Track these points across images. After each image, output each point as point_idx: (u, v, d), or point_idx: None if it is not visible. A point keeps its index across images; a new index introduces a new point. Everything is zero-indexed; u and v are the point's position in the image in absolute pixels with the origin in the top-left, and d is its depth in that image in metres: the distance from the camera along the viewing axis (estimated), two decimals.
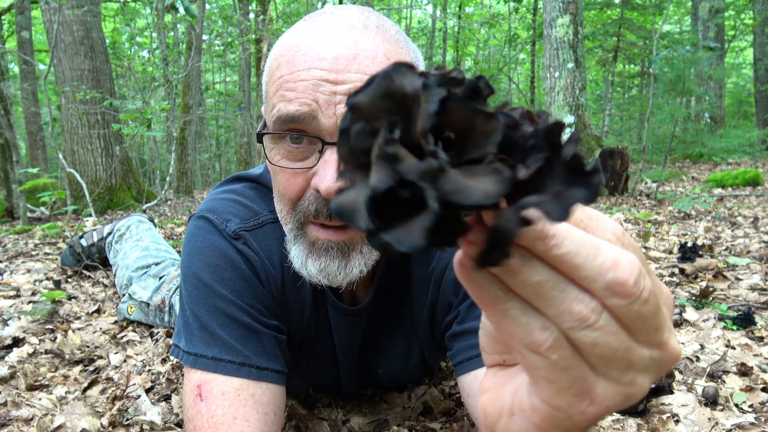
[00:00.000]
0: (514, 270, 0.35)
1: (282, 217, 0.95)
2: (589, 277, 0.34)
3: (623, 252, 0.35)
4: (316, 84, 0.81)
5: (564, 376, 0.36)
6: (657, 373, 0.39)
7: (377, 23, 0.87)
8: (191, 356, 0.97)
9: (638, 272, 0.35)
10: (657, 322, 0.37)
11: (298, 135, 0.84)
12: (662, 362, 0.39)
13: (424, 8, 20.35)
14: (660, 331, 0.37)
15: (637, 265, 0.35)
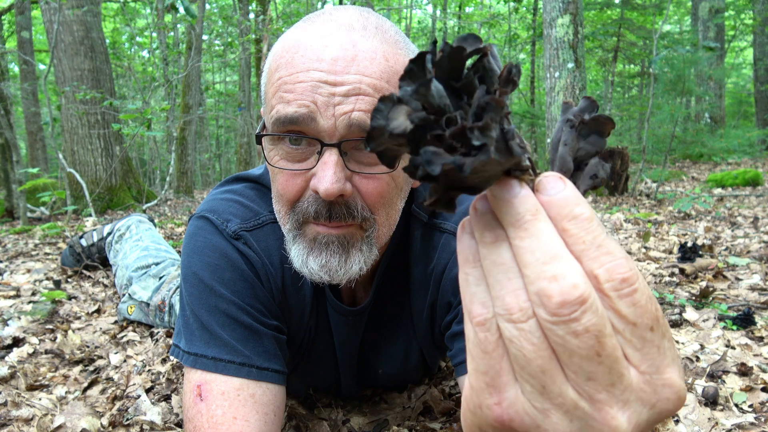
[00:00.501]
0: (485, 242, 0.37)
1: (280, 217, 0.95)
2: (530, 278, 0.35)
3: (577, 275, 0.34)
4: (314, 85, 0.81)
5: (484, 359, 0.37)
6: (582, 428, 0.35)
7: (376, 24, 0.87)
8: (191, 356, 0.97)
9: (575, 298, 0.33)
10: (591, 369, 0.34)
11: (297, 136, 0.84)
12: (590, 422, 0.35)
13: (424, 8, 20.35)
14: (595, 384, 0.35)
15: (579, 293, 0.33)
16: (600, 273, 0.35)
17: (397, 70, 0.84)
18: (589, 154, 0.40)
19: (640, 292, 0.35)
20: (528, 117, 14.44)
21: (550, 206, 0.36)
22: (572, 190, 0.37)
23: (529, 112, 14.55)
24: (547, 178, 0.37)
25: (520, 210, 0.36)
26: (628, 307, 0.35)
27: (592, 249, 0.35)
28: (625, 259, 0.36)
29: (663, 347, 0.36)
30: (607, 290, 0.35)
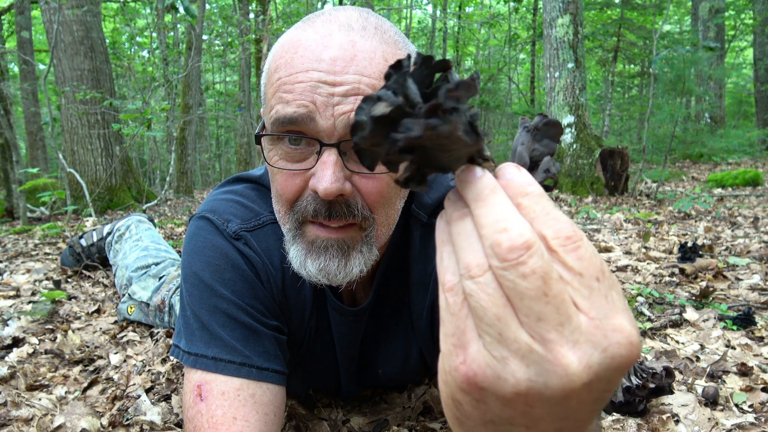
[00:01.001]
0: (453, 219, 0.43)
1: (280, 217, 0.95)
2: (485, 236, 0.39)
3: (523, 226, 0.39)
4: (313, 86, 0.81)
5: (452, 321, 0.41)
6: (538, 373, 0.38)
7: (375, 24, 0.87)
8: (191, 356, 0.97)
9: (522, 243, 0.38)
10: (540, 309, 0.37)
11: (297, 136, 0.85)
12: (545, 364, 0.38)
13: (424, 8, 20.35)
14: (545, 324, 0.37)
15: (525, 239, 0.38)
16: (548, 233, 0.39)
17: None
18: (543, 154, 0.47)
19: (584, 248, 0.39)
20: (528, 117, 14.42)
21: (508, 187, 0.41)
22: (527, 175, 0.42)
23: (528, 112, 14.56)
24: (505, 166, 0.43)
25: (480, 187, 0.41)
26: (574, 260, 0.39)
27: (541, 216, 0.40)
28: (571, 224, 0.40)
29: (611, 297, 0.39)
30: (554, 246, 0.39)
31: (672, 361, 1.65)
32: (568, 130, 7.25)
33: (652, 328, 1.90)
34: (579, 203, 6.15)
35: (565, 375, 0.37)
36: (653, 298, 2.19)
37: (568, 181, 7.02)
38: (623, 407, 1.37)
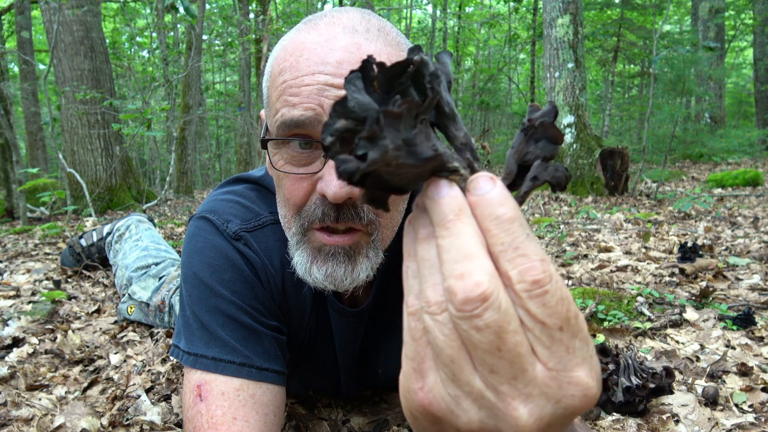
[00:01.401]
0: (419, 238, 0.41)
1: (285, 222, 0.94)
2: (444, 275, 0.38)
3: (482, 273, 0.36)
4: (320, 89, 0.80)
5: (412, 346, 0.41)
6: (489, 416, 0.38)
7: (378, 26, 0.87)
8: (191, 356, 0.97)
9: (476, 295, 0.36)
10: (493, 362, 0.37)
11: (306, 141, 0.84)
12: (496, 411, 0.37)
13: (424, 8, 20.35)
14: (497, 377, 0.37)
15: (480, 291, 0.36)
16: (513, 274, 0.37)
17: None
18: (537, 158, 0.42)
19: (551, 294, 0.37)
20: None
21: (476, 206, 0.38)
22: (500, 190, 0.39)
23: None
24: (477, 178, 0.39)
25: (445, 210, 0.38)
26: (538, 308, 0.37)
27: (509, 251, 0.37)
28: (541, 261, 0.37)
29: (572, 347, 0.38)
30: (518, 291, 0.37)
31: (672, 361, 1.65)
32: (568, 130, 7.25)
33: (652, 328, 1.90)
34: (579, 203, 6.15)
35: (515, 425, 0.37)
36: (653, 298, 2.19)
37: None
38: (623, 407, 1.37)
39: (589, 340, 0.39)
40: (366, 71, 0.38)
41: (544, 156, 0.41)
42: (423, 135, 0.38)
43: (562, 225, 4.43)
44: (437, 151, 0.38)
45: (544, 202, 6.21)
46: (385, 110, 0.36)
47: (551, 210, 5.64)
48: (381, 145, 0.36)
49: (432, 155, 0.38)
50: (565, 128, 7.26)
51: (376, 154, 0.36)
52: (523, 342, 0.37)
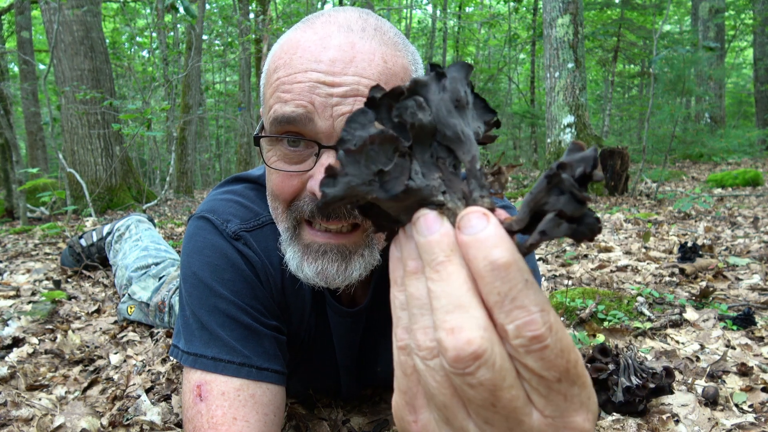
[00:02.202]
0: (408, 270, 0.38)
1: (276, 215, 0.95)
2: (435, 324, 0.35)
3: (475, 328, 0.34)
4: (312, 86, 0.80)
5: (404, 380, 0.39)
6: None
7: (375, 26, 0.86)
8: (191, 356, 0.97)
9: (468, 354, 0.34)
10: (488, 416, 0.36)
11: (295, 138, 0.84)
12: None
13: (424, 8, 20.35)
14: (494, 428, 0.36)
15: (472, 350, 0.33)
16: (510, 329, 0.34)
17: (396, 71, 0.84)
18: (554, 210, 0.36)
19: (549, 349, 0.34)
20: (528, 117, 14.44)
21: (468, 246, 0.35)
22: (494, 229, 0.35)
23: (529, 112, 14.56)
24: (469, 214, 0.36)
25: (435, 249, 0.36)
26: (536, 362, 0.35)
27: (506, 302, 0.34)
28: (541, 312, 0.34)
29: (570, 394, 0.36)
30: (515, 346, 0.35)
31: (672, 361, 1.65)
32: (568, 130, 7.25)
33: (652, 328, 1.90)
34: None
35: None
36: (653, 298, 2.19)
37: None
38: (623, 407, 1.37)
39: (587, 383, 0.38)
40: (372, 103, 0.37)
41: (562, 212, 0.35)
42: (399, 168, 0.36)
43: None
44: (409, 186, 0.36)
45: None
46: (345, 148, 0.35)
47: None
48: (343, 182, 0.35)
49: (400, 191, 0.36)
50: (565, 128, 7.26)
51: (335, 191, 0.35)
52: (519, 395, 0.35)
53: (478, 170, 0.38)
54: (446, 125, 0.37)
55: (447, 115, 0.37)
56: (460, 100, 0.38)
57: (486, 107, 0.40)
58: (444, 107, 0.38)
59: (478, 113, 0.40)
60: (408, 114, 0.37)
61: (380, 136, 0.36)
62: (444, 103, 0.38)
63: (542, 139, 13.17)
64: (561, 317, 1.96)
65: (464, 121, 0.38)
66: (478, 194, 0.37)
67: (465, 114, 0.38)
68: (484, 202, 0.37)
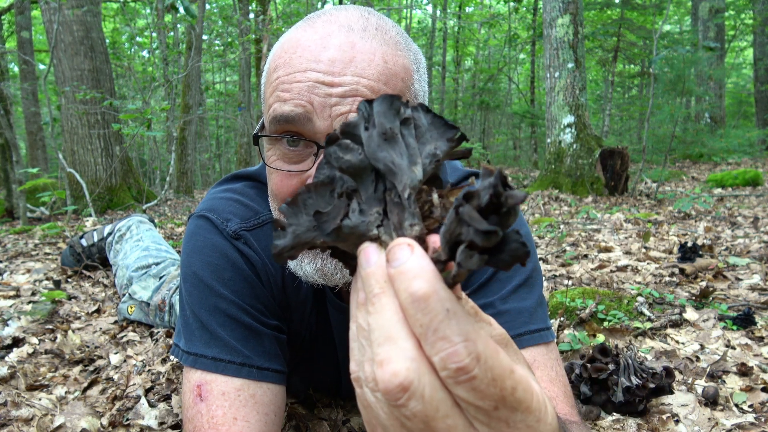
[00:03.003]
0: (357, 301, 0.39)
1: (277, 215, 0.95)
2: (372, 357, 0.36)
3: (401, 360, 0.34)
4: (311, 86, 0.80)
5: (363, 412, 0.40)
6: None
7: (377, 25, 0.86)
8: (191, 356, 0.97)
9: (395, 386, 0.34)
10: None
11: (294, 138, 0.84)
12: None
13: (424, 8, 20.35)
14: None
15: (398, 382, 0.34)
16: (436, 361, 0.34)
17: (396, 71, 0.83)
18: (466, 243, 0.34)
19: (478, 380, 0.34)
20: (528, 117, 14.44)
21: (393, 279, 0.35)
22: (416, 260, 0.35)
23: (529, 112, 14.56)
24: (395, 247, 0.36)
25: (371, 282, 0.36)
26: (467, 393, 0.35)
27: (429, 333, 0.34)
28: (464, 343, 0.34)
29: (513, 420, 0.36)
30: (444, 378, 0.35)
31: (672, 361, 1.65)
32: (568, 130, 7.25)
33: (652, 328, 1.90)
34: (579, 203, 6.15)
35: None
36: (653, 298, 2.19)
37: (568, 181, 7.02)
38: (623, 407, 1.37)
39: (532, 407, 0.37)
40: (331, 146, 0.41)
41: (472, 243, 0.33)
42: (336, 209, 0.38)
43: (562, 225, 4.43)
44: (343, 225, 0.38)
45: (544, 202, 6.21)
46: (287, 202, 0.39)
47: (551, 210, 5.64)
48: (290, 233, 0.38)
49: (332, 230, 0.38)
50: (565, 128, 7.26)
51: (284, 242, 0.38)
52: (457, 424, 0.35)
53: (407, 199, 0.38)
54: (377, 159, 0.39)
55: (377, 150, 0.39)
56: (386, 132, 0.39)
57: (446, 124, 0.40)
58: (373, 143, 0.39)
59: (439, 132, 0.40)
60: (333, 159, 0.39)
61: (314, 184, 0.39)
62: (372, 139, 0.39)
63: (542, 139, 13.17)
64: (561, 317, 1.96)
65: (396, 151, 0.39)
66: (408, 223, 0.38)
67: (396, 144, 0.39)
68: (414, 231, 0.37)
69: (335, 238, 0.38)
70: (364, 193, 0.40)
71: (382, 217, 0.39)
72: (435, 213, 0.39)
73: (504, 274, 1.01)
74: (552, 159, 7.40)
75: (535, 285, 1.03)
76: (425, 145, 0.40)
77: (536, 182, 7.67)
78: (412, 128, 0.40)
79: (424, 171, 0.39)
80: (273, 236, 0.39)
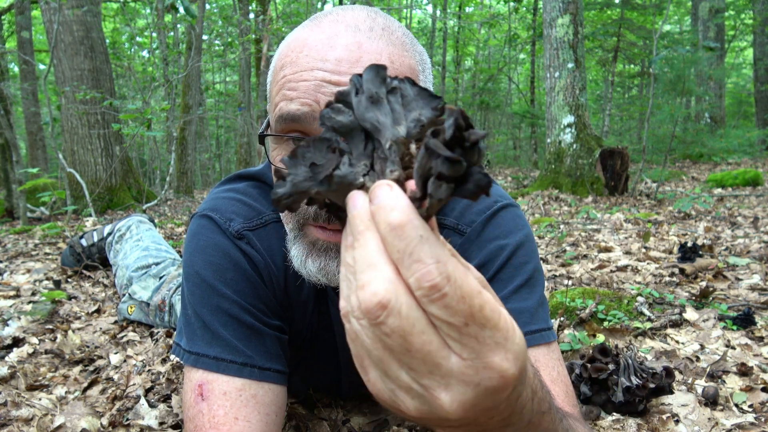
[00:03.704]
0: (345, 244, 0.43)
1: (283, 216, 0.96)
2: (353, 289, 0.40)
3: (381, 282, 0.38)
4: (317, 84, 0.80)
5: (352, 346, 0.44)
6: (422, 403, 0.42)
7: (383, 25, 0.86)
8: (192, 356, 0.97)
9: (374, 305, 0.38)
10: (408, 361, 0.40)
11: (300, 137, 0.84)
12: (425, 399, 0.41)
13: (424, 8, 20.35)
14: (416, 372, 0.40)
15: (377, 300, 0.38)
16: (411, 282, 0.38)
17: (402, 71, 0.83)
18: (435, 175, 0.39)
19: (450, 297, 0.38)
20: (528, 117, 14.44)
21: (374, 214, 0.40)
22: (394, 195, 0.39)
23: (529, 112, 14.56)
24: (376, 187, 0.40)
25: (357, 222, 0.41)
26: (439, 310, 0.38)
27: (405, 258, 0.38)
28: (436, 264, 0.38)
29: (482, 336, 0.40)
30: (419, 297, 0.39)
31: (672, 361, 1.65)
32: (568, 130, 7.25)
33: (652, 328, 1.90)
34: (579, 203, 6.15)
35: (443, 410, 0.41)
36: (653, 298, 2.19)
37: (568, 181, 7.02)
38: (623, 407, 1.37)
39: (499, 325, 0.41)
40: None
41: (440, 173, 0.38)
42: (330, 162, 0.43)
43: (562, 225, 4.43)
44: (334, 174, 0.42)
45: (544, 202, 6.21)
46: (291, 151, 0.43)
47: (551, 210, 5.64)
48: (289, 181, 0.43)
49: (325, 176, 0.42)
50: (565, 128, 7.26)
51: (283, 189, 0.43)
52: (432, 340, 0.39)
53: (388, 149, 0.43)
54: (364, 119, 0.44)
55: (365, 112, 0.44)
56: (372, 96, 0.44)
57: (431, 95, 0.44)
58: (362, 106, 0.44)
59: (424, 102, 0.44)
60: (327, 120, 0.45)
61: (312, 139, 0.43)
62: (361, 103, 0.44)
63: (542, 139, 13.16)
64: (561, 317, 1.96)
65: (381, 112, 0.44)
66: (389, 170, 0.43)
67: (381, 106, 0.44)
68: (393, 175, 0.42)
69: (327, 188, 0.42)
70: (356, 150, 0.44)
71: (368, 168, 0.43)
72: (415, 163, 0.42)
73: (505, 274, 1.01)
74: (552, 159, 7.40)
75: (537, 285, 1.04)
76: (411, 111, 0.44)
77: (536, 182, 7.67)
78: (399, 97, 0.45)
79: (408, 132, 0.43)
80: (274, 185, 0.42)
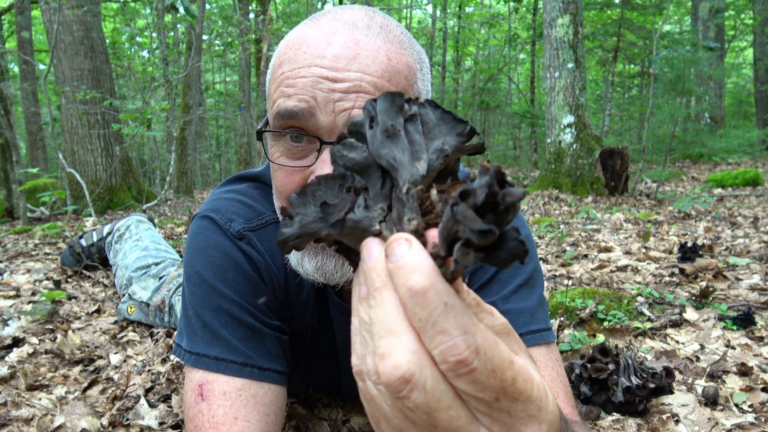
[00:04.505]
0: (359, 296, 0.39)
1: (280, 212, 0.96)
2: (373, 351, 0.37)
3: (403, 353, 0.34)
4: (315, 81, 0.81)
5: (366, 405, 0.41)
6: None
7: (381, 23, 0.87)
8: (193, 355, 0.97)
9: (397, 378, 0.34)
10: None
11: (298, 134, 0.85)
12: None
13: (424, 8, 20.35)
14: None
15: (400, 374, 0.34)
16: (435, 354, 0.35)
17: (400, 69, 0.84)
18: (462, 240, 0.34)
19: (479, 371, 0.35)
20: (528, 117, 14.45)
21: (393, 274, 0.36)
22: (415, 255, 0.35)
23: (529, 112, 14.56)
24: (393, 242, 0.36)
25: (372, 276, 0.37)
26: (467, 385, 0.35)
27: (428, 327, 0.35)
28: (463, 336, 0.34)
29: (515, 410, 0.37)
30: (444, 371, 0.35)
31: (672, 361, 1.65)
32: (568, 130, 7.25)
33: (652, 328, 1.90)
34: (579, 203, 6.15)
35: None
36: (653, 298, 2.19)
37: (568, 181, 7.02)
38: (623, 407, 1.37)
39: (532, 396, 0.38)
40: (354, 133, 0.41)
41: (468, 240, 0.33)
42: (343, 203, 0.39)
43: (562, 225, 4.43)
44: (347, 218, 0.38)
45: (544, 202, 6.21)
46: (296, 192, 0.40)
47: (551, 210, 5.64)
48: (297, 221, 0.39)
49: (337, 220, 0.39)
50: (565, 128, 7.26)
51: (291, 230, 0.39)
52: (460, 415, 0.36)
53: (405, 194, 0.39)
54: (380, 156, 0.40)
55: (380, 147, 0.40)
56: (388, 129, 0.40)
57: (455, 119, 0.41)
58: (376, 140, 0.40)
59: (448, 127, 0.41)
60: (338, 157, 0.40)
61: (324, 177, 0.40)
62: (376, 137, 0.40)
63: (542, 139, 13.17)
64: (561, 317, 1.96)
65: (398, 147, 0.40)
66: (406, 218, 0.38)
67: (398, 141, 0.40)
68: (411, 225, 0.38)
69: (339, 231, 0.39)
70: (372, 189, 0.40)
71: (385, 212, 0.39)
72: (437, 208, 0.39)
73: (505, 274, 1.01)
74: (552, 159, 7.40)
75: (536, 285, 1.04)
76: (433, 140, 0.40)
77: (536, 182, 7.67)
78: (419, 124, 0.40)
79: (430, 166, 0.39)
80: (280, 224, 0.39)
